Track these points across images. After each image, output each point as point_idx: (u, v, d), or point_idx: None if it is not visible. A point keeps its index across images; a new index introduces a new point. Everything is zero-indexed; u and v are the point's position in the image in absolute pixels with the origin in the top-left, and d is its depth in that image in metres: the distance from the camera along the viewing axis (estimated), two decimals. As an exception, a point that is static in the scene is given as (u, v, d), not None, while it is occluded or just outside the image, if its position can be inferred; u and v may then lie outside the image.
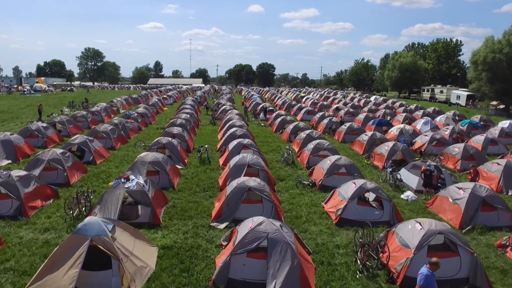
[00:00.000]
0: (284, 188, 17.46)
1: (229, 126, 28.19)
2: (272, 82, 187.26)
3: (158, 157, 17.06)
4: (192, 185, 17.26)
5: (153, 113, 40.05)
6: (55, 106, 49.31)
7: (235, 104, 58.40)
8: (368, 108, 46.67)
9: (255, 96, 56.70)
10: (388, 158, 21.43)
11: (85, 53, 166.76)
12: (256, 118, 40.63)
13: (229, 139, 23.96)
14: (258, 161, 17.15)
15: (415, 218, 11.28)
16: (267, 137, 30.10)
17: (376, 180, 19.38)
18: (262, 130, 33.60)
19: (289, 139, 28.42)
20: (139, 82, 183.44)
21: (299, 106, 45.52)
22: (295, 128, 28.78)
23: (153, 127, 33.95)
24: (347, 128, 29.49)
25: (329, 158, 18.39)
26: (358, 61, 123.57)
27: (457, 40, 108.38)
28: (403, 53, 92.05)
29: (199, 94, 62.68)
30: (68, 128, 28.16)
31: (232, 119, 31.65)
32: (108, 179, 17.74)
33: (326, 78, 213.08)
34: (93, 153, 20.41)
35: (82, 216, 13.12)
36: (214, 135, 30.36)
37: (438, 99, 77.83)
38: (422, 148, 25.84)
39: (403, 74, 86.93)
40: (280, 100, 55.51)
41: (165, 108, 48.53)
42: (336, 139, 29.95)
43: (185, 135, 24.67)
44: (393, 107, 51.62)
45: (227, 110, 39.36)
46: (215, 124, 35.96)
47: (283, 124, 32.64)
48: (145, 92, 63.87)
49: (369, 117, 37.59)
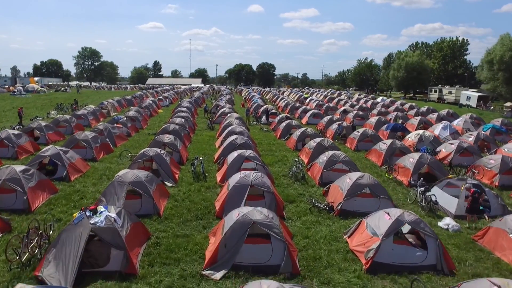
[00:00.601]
0: (295, 213, 14.30)
1: (229, 133, 25.04)
2: (272, 82, 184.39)
3: (141, 176, 13.87)
4: (183, 210, 14.10)
5: (145, 116, 36.88)
6: (42, 108, 46.07)
7: (235, 105, 55.28)
8: (377, 111, 43.52)
9: (256, 98, 53.57)
10: (415, 173, 18.30)
11: (82, 52, 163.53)
12: (258, 121, 37.46)
13: (228, 149, 20.83)
14: (263, 181, 14.01)
15: (489, 278, 8.06)
16: (271, 145, 26.94)
17: (403, 200, 16.26)
18: (265, 136, 30.42)
19: (295, 147, 25.25)
20: (138, 82, 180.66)
21: (304, 109, 42.33)
22: (303, 134, 25.61)
23: (144, 132, 30.74)
24: (360, 135, 26.32)
25: (349, 176, 15.23)
26: (361, 61, 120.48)
27: (463, 39, 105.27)
28: (409, 53, 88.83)
29: (196, 95, 59.45)
30: (46, 134, 24.97)
31: (231, 124, 28.50)
32: (80, 202, 14.57)
33: (327, 78, 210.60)
34: (67, 167, 17.24)
35: (35, 260, 9.99)
36: (212, 142, 27.19)
37: (447, 100, 74.68)
38: (447, 158, 22.70)
39: (409, 74, 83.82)
40: (282, 102, 52.32)
41: (160, 111, 45.34)
42: (349, 146, 26.79)
43: (178, 144, 21.50)
44: (403, 109, 48.45)
45: (226, 113, 36.22)
46: (213, 129, 32.79)
47: (288, 129, 29.47)
48: (140, 93, 60.65)
49: (381, 121, 34.44)
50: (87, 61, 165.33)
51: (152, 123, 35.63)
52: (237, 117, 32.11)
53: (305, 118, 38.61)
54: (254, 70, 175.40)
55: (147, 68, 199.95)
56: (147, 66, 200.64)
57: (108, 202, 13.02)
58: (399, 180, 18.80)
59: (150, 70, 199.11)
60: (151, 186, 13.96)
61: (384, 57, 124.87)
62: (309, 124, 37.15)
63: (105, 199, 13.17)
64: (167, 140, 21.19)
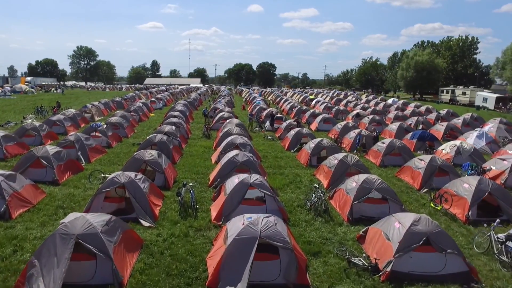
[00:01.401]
0: (324, 278, 9.76)
1: (228, 145, 20.53)
2: (273, 82, 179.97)
3: (96, 226, 9.28)
4: (159, 274, 9.57)
5: (133, 121, 32.33)
6: (22, 111, 41.51)
7: (235, 108, 50.78)
8: (393, 115, 39.00)
9: (258, 99, 49.00)
10: (474, 204, 13.78)
11: (77, 51, 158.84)
12: (261, 127, 32.92)
13: (226, 169, 16.37)
14: (277, 231, 9.45)
15: None
16: (278, 159, 22.41)
17: (465, 246, 11.74)
18: (270, 146, 25.89)
19: (309, 163, 20.71)
20: (136, 82, 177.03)
21: (312, 112, 37.77)
22: (318, 147, 21.06)
23: (129, 142, 26.17)
24: (386, 147, 21.77)
25: (398, 219, 10.67)
26: (366, 60, 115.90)
27: (473, 37, 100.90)
28: (418, 51, 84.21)
29: (193, 97, 54.83)
30: (4, 147, 20.39)
31: (231, 132, 24.01)
32: (11, 261, 10.03)
33: (329, 78, 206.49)
34: (7, 199, 12.69)
35: None
36: (207, 155, 22.65)
37: (460, 101, 70.22)
38: (500, 178, 18.20)
39: (419, 74, 79.36)
40: (287, 104, 47.74)
41: (152, 114, 40.78)
42: (372, 161, 22.25)
43: (163, 161, 16.96)
44: (420, 113, 43.91)
45: (225, 118, 31.70)
46: (210, 137, 28.26)
47: (298, 139, 24.94)
48: (132, 94, 56.04)
49: (402, 127, 29.94)
50: (83, 61, 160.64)
51: (140, 130, 31.05)
52: (237, 124, 27.63)
53: (315, 124, 34.04)
54: (254, 70, 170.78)
55: (145, 68, 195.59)
56: (145, 66, 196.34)
57: (44, 268, 8.55)
58: (451, 213, 14.29)
59: (148, 70, 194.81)
60: (112, 239, 9.40)
61: (389, 57, 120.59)
62: (320, 130, 32.64)
63: (38, 264, 8.66)
64: (148, 157, 16.63)
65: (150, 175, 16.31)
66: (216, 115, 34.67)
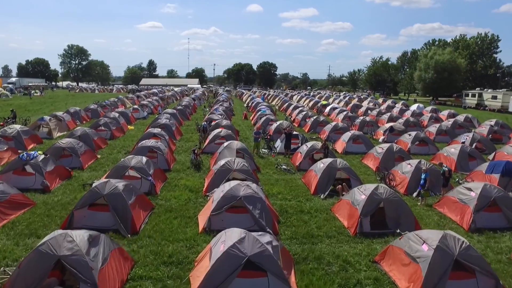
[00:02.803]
0: None
1: (225, 199, 12.31)
2: (273, 82, 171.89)
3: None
4: None
5: (99, 141, 24.09)
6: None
7: (235, 116, 42.56)
8: (435, 129, 30.81)
9: (263, 107, 40.57)
10: None
11: (68, 50, 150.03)
12: (271, 149, 24.66)
13: (224, 265, 8.19)
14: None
15: None
16: (304, 213, 14.19)
17: None
18: (288, 185, 17.61)
19: (359, 228, 12.48)
20: (132, 82, 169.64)
21: (335, 127, 29.48)
22: (373, 199, 12.77)
23: (82, 177, 17.86)
24: (479, 199, 13.49)
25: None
26: (376, 60, 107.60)
27: (493, 34, 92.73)
28: (438, 50, 75.80)
29: (185, 102, 46.38)
30: None
31: (230, 168, 15.87)
32: None
33: (331, 79, 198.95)
34: None
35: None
36: (193, 210, 14.43)
37: (489, 106, 62.12)
38: None
39: (440, 75, 71.11)
40: (298, 113, 39.41)
41: (130, 127, 32.47)
42: (454, 218, 14.01)
43: (105, 247, 8.81)
44: (464, 124, 35.70)
45: (222, 136, 23.53)
46: (200, 169, 20.04)
47: (330, 174, 16.65)
48: (114, 99, 47.70)
49: (465, 152, 21.74)
50: (74, 60, 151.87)
51: (106, 155, 22.63)
52: (239, 149, 19.53)
53: (341, 143, 25.70)
54: (255, 70, 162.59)
55: (141, 68, 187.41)
56: (141, 66, 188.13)
57: None
58: None
59: (144, 70, 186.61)
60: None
61: (398, 56, 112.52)
62: (348, 153, 24.46)
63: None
64: (67, 248, 8.38)
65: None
66: (210, 131, 26.39)
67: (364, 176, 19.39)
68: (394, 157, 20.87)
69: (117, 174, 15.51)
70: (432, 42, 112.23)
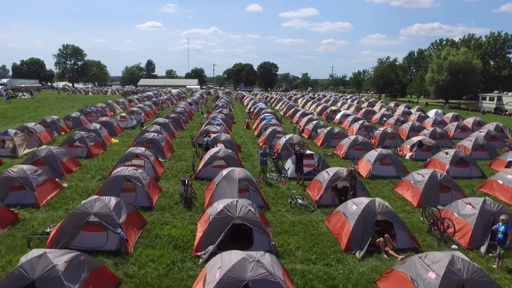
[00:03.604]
0: None
1: (225, 285, 7.85)
2: (275, 83, 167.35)
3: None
4: None
5: (69, 163, 19.56)
6: None
7: (236, 124, 38.11)
8: (471, 143, 26.27)
9: (267, 116, 35.82)
10: None
11: (62, 50, 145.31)
12: (281, 173, 20.07)
13: None
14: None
15: None
16: (340, 291, 9.79)
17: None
18: (307, 232, 13.13)
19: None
20: (130, 83, 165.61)
21: (354, 141, 24.93)
22: (452, 276, 8.33)
23: (34, 222, 13.36)
24: None
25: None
26: (383, 60, 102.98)
27: (507, 33, 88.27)
28: (452, 50, 71.17)
29: (180, 109, 41.60)
30: None
31: (231, 213, 11.44)
32: None
33: (333, 79, 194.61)
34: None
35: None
36: (182, 281, 10.01)
37: (510, 111, 57.66)
38: None
39: (454, 77, 66.55)
40: (307, 122, 34.80)
41: (114, 141, 27.89)
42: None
43: None
44: (500, 136, 31.19)
45: (220, 157, 19.04)
46: (192, 206, 15.54)
47: (368, 221, 12.15)
48: (101, 105, 43.10)
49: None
50: (69, 60, 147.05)
51: (76, 182, 18.17)
52: (242, 178, 15.10)
53: (366, 166, 21.05)
54: (255, 70, 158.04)
55: (139, 68, 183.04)
56: (139, 66, 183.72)
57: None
58: None
59: (143, 70, 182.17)
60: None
61: (404, 56, 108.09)
62: (376, 177, 19.95)
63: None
64: None
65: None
66: (205, 151, 21.80)
67: (402, 213, 14.95)
68: (438, 187, 16.43)
69: (73, 225, 11.08)
70: (440, 42, 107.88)
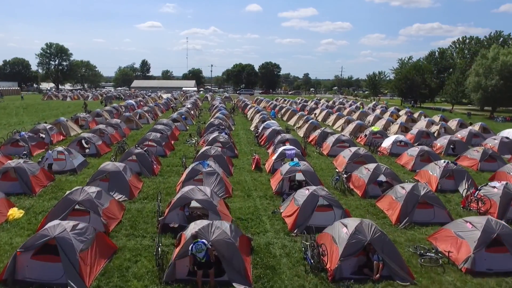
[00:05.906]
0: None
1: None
2: (277, 84, 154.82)
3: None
4: None
5: None
6: None
7: (239, 158, 25.31)
8: None
9: (288, 150, 22.76)
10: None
11: (46, 49, 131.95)
12: None
13: None
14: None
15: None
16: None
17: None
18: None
19: None
20: (123, 84, 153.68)
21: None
22: None
23: None
24: None
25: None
26: (404, 61, 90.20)
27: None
28: (502, 49, 58.30)
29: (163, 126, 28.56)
30: None
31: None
32: None
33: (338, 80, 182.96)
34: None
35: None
36: None
37: None
38: None
39: (507, 82, 53.84)
40: (350, 157, 22.00)
41: (12, 215, 15.04)
42: None
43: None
44: None
45: None
46: None
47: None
48: (46, 126, 30.05)
49: None
50: (53, 60, 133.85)
51: None
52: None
53: None
54: (256, 71, 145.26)
55: (133, 68, 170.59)
56: (133, 66, 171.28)
57: None
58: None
59: (137, 70, 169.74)
60: None
61: (425, 56, 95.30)
62: None
63: None
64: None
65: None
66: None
67: None
68: None
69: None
70: (463, 40, 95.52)
